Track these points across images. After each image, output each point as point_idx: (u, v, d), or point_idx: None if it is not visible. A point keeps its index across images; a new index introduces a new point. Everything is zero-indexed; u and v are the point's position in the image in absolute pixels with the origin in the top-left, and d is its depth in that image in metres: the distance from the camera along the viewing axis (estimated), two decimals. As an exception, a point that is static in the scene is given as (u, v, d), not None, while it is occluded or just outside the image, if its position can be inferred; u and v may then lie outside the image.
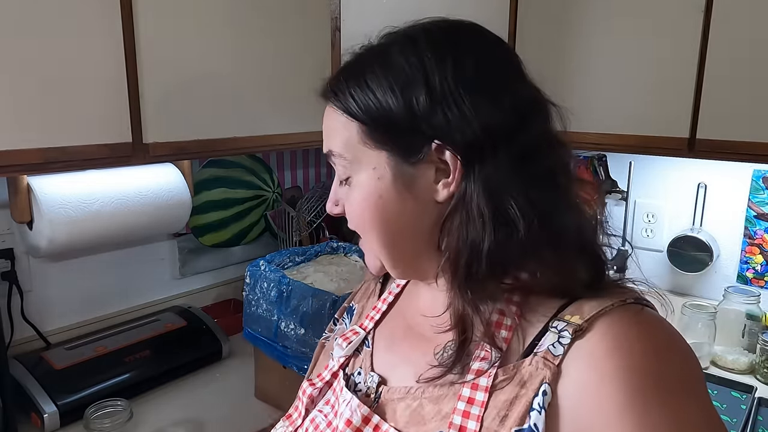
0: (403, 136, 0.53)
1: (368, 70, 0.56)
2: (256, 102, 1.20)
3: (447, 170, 0.53)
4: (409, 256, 0.59)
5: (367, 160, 0.56)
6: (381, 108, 0.54)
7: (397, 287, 0.71)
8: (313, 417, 0.64)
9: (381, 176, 0.55)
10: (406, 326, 0.65)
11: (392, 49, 0.56)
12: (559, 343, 0.50)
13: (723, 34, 1.13)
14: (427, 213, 0.55)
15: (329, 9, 1.32)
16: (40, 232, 1.14)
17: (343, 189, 0.60)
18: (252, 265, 1.19)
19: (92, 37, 0.92)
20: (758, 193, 1.47)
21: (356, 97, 0.55)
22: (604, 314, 0.50)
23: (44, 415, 1.07)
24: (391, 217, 0.56)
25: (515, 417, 0.49)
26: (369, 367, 0.64)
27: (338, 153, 0.58)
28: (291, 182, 1.85)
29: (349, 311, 0.76)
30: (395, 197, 0.55)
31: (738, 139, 1.13)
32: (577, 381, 0.48)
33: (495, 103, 0.52)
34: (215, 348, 1.39)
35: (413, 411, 0.56)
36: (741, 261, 1.52)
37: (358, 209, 0.58)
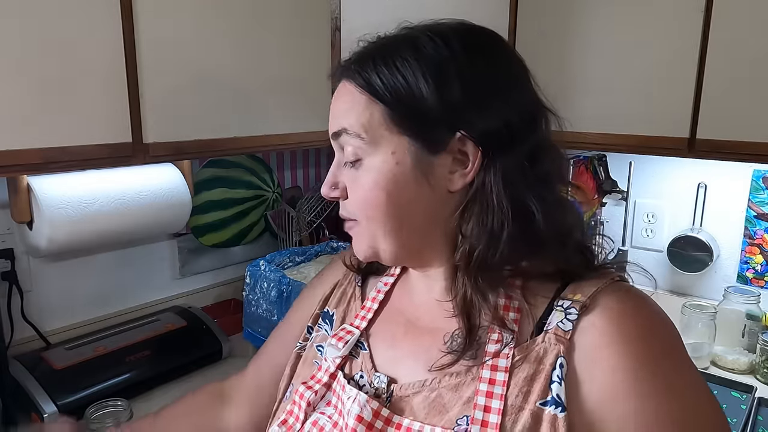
0: (430, 125, 0.55)
1: (398, 55, 0.56)
2: (256, 102, 1.20)
3: (464, 161, 0.56)
4: (413, 243, 0.60)
5: (387, 143, 0.56)
6: (411, 94, 0.55)
7: (385, 285, 0.70)
8: (315, 420, 0.63)
9: (399, 161, 0.56)
10: (406, 322, 0.65)
11: (422, 40, 0.58)
12: (567, 319, 0.55)
13: (723, 34, 1.13)
14: (438, 201, 0.57)
15: (329, 9, 1.32)
16: (40, 232, 1.14)
17: (347, 172, 0.60)
18: (252, 265, 1.19)
19: (92, 37, 0.92)
20: (758, 193, 1.47)
21: (384, 78, 0.56)
22: (601, 291, 0.56)
23: (44, 415, 1.07)
24: (403, 203, 0.57)
25: (537, 391, 0.53)
26: (371, 368, 0.64)
27: (354, 132, 0.57)
28: (291, 182, 1.85)
29: (325, 316, 0.74)
30: (410, 183, 0.56)
31: (738, 139, 1.13)
32: (589, 349, 0.53)
33: (515, 103, 0.56)
34: (215, 348, 1.38)
35: (432, 402, 0.57)
36: (741, 261, 1.52)
37: (368, 193, 0.57)
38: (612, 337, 0.53)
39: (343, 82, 0.60)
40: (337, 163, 0.61)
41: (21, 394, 1.10)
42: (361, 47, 0.62)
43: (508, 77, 0.58)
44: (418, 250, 0.60)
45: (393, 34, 0.61)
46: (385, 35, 0.61)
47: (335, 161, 0.61)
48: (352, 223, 0.61)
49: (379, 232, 0.59)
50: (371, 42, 0.62)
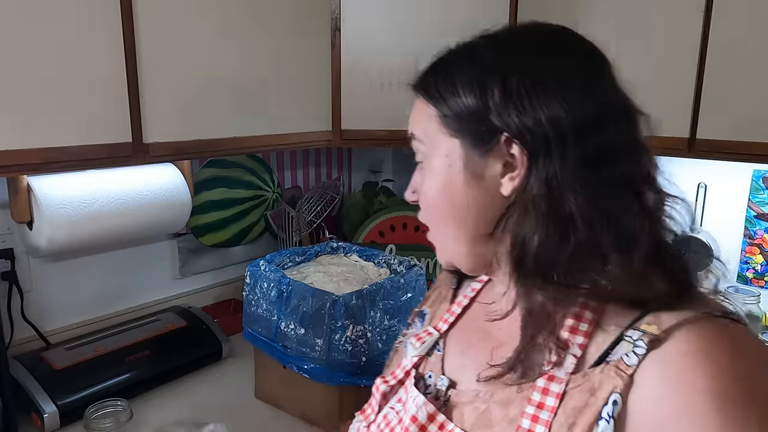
0: (475, 127, 0.56)
1: (454, 63, 0.59)
2: (256, 102, 1.20)
3: (514, 164, 0.55)
4: (479, 250, 0.59)
5: (442, 146, 0.58)
6: (459, 97, 0.57)
7: (472, 291, 0.71)
8: (385, 413, 0.65)
9: (452, 164, 0.58)
10: (483, 330, 0.65)
11: (478, 45, 0.59)
12: (633, 353, 0.49)
13: (723, 34, 1.13)
14: (493, 205, 0.57)
15: (329, 9, 1.32)
16: (40, 232, 1.14)
17: (419, 176, 0.62)
18: (252, 265, 1.19)
19: (92, 37, 0.92)
20: (758, 193, 1.47)
21: (438, 85, 0.58)
22: (685, 325, 0.48)
23: (44, 415, 1.07)
24: (460, 206, 0.58)
25: (583, 425, 0.49)
26: (440, 370, 0.65)
27: (418, 137, 0.61)
28: (291, 182, 1.85)
29: (421, 315, 0.78)
30: (463, 186, 0.57)
31: (738, 139, 1.13)
32: (652, 393, 0.47)
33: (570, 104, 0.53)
34: (215, 348, 1.39)
35: (480, 414, 0.57)
36: (741, 261, 1.52)
37: (430, 196, 0.60)
38: (678, 382, 0.46)
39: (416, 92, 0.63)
40: (418, 169, 0.63)
41: (21, 394, 1.10)
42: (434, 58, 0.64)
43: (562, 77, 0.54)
44: (485, 257, 0.60)
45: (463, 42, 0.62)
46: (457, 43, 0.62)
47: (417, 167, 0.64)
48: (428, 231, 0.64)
49: (445, 236, 0.61)
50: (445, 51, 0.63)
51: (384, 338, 1.07)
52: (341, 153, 2.02)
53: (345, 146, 1.45)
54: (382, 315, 1.07)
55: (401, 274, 1.18)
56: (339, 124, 1.39)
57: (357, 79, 1.37)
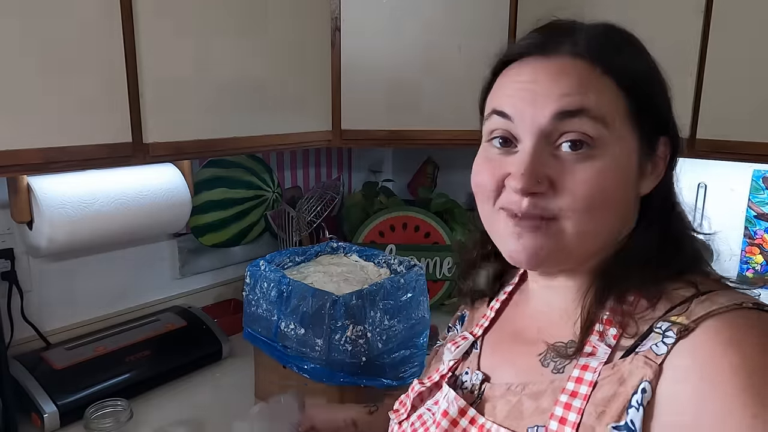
0: (656, 126, 0.55)
1: (638, 52, 0.56)
2: (256, 102, 1.20)
3: (658, 164, 0.56)
4: (599, 245, 0.56)
5: (626, 136, 0.53)
6: (653, 92, 0.54)
7: (504, 294, 0.71)
8: (420, 413, 0.66)
9: (630, 159, 0.54)
10: (514, 331, 0.66)
11: (632, 35, 0.57)
12: (662, 342, 0.49)
13: (723, 34, 1.13)
14: (633, 203, 0.56)
15: (329, 9, 1.32)
16: (40, 232, 1.14)
17: (565, 162, 0.52)
18: (252, 265, 1.19)
19: (92, 37, 0.92)
20: (758, 193, 1.47)
21: (636, 69, 0.54)
22: (714, 315, 0.48)
23: (44, 415, 1.07)
24: (625, 202, 0.55)
25: (612, 413, 0.49)
26: (476, 366, 0.66)
27: (599, 115, 0.51)
28: (291, 182, 1.85)
29: (461, 319, 0.79)
30: (632, 183, 0.55)
31: (738, 139, 1.13)
32: (680, 380, 0.47)
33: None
34: (215, 348, 1.39)
35: (513, 407, 0.57)
36: (741, 261, 1.52)
37: (609, 183, 0.52)
38: (707, 369, 0.46)
39: (565, 57, 0.53)
40: (537, 151, 0.52)
41: (21, 394, 1.09)
42: (567, 25, 0.56)
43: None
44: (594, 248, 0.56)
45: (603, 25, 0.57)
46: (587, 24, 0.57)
47: (534, 148, 0.52)
48: (547, 223, 0.53)
49: (593, 228, 0.53)
50: (570, 24, 0.57)
51: (384, 338, 1.07)
52: (341, 153, 2.02)
53: (345, 146, 1.45)
54: (382, 315, 1.07)
55: (401, 274, 1.18)
56: (339, 124, 1.39)
57: (357, 79, 1.37)
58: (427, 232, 1.77)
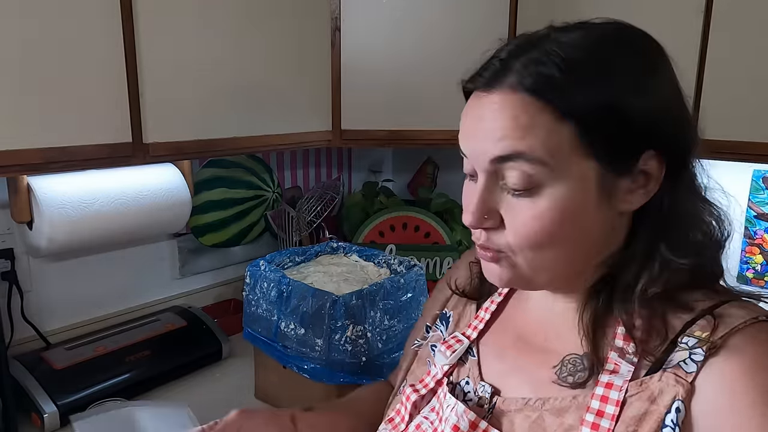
0: (625, 145, 0.50)
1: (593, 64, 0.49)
2: (256, 102, 1.20)
3: (644, 180, 0.52)
4: (570, 270, 0.55)
5: (575, 169, 0.50)
6: (611, 110, 0.49)
7: (499, 296, 0.69)
8: (418, 423, 0.63)
9: (586, 187, 0.50)
10: (516, 336, 0.64)
11: (607, 44, 0.51)
12: (691, 360, 0.49)
13: (723, 34, 1.13)
14: (609, 224, 0.53)
15: (329, 9, 1.32)
16: (40, 232, 1.14)
17: (506, 198, 0.52)
18: (252, 265, 1.19)
19: (92, 37, 0.92)
20: (758, 193, 1.47)
21: (581, 93, 0.48)
22: (737, 331, 0.49)
23: (44, 415, 1.07)
24: (579, 231, 0.52)
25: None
26: (478, 376, 0.63)
27: (537, 157, 0.49)
28: (291, 182, 1.85)
29: (443, 318, 0.74)
30: (591, 209, 0.51)
31: (738, 139, 1.13)
32: (713, 400, 0.47)
33: (684, 109, 0.54)
34: (215, 348, 1.38)
35: (533, 423, 0.55)
36: (741, 261, 1.52)
37: (545, 223, 0.50)
38: (743, 390, 0.46)
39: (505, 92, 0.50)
40: (486, 189, 0.52)
41: (21, 394, 1.10)
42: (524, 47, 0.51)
43: (675, 80, 0.53)
44: (568, 276, 0.56)
45: (566, 34, 0.52)
46: (553, 35, 0.52)
47: (482, 187, 0.53)
48: (501, 254, 0.54)
49: (542, 261, 0.53)
50: (534, 40, 0.52)
51: (384, 338, 1.07)
52: (341, 153, 2.02)
53: (345, 146, 1.45)
54: (382, 315, 1.07)
55: (401, 274, 1.18)
56: (339, 124, 1.39)
57: (357, 79, 1.37)
58: (427, 232, 1.77)
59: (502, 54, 0.52)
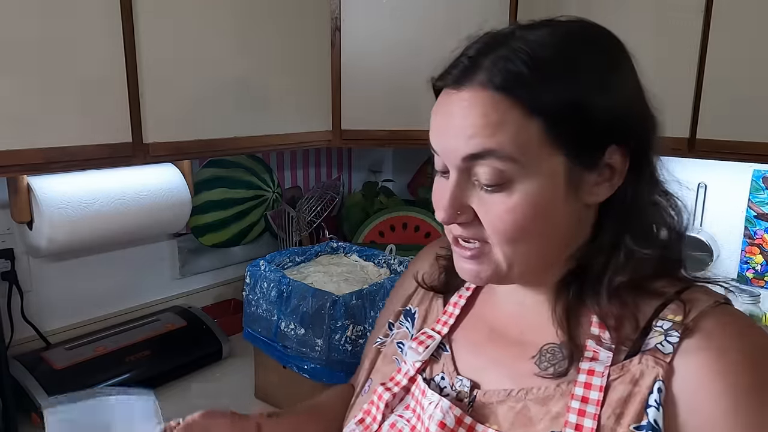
0: (592, 140, 0.52)
1: (559, 61, 0.51)
2: (256, 102, 1.20)
3: (609, 174, 0.54)
4: (540, 263, 0.57)
5: (544, 164, 0.51)
6: (578, 107, 0.50)
7: (467, 290, 0.69)
8: (393, 422, 0.62)
9: (555, 182, 0.52)
10: (489, 330, 0.64)
11: (573, 42, 0.53)
12: (667, 341, 0.52)
13: (723, 34, 1.13)
14: (576, 216, 0.55)
15: (329, 9, 1.32)
16: (40, 232, 1.14)
17: (478, 194, 0.53)
18: (252, 265, 1.19)
19: (92, 37, 0.92)
20: (758, 193, 1.47)
21: (549, 89, 0.50)
22: (707, 314, 0.52)
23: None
24: (550, 223, 0.53)
25: (632, 414, 0.50)
26: (453, 371, 0.63)
27: (507, 154, 0.50)
28: (291, 182, 1.85)
29: (407, 314, 0.73)
30: (561, 202, 0.53)
31: (738, 139, 1.13)
32: (691, 378, 0.50)
33: (646, 104, 0.56)
34: (215, 348, 1.38)
35: (518, 413, 0.55)
36: (741, 261, 1.52)
37: (517, 216, 0.52)
38: (717, 363, 0.50)
39: (474, 90, 0.51)
40: (458, 185, 0.53)
41: (21, 394, 1.09)
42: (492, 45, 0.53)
43: (637, 77, 0.55)
44: (544, 268, 0.57)
45: (532, 32, 0.53)
46: (519, 33, 0.53)
47: (454, 183, 0.54)
48: (477, 247, 0.55)
49: (516, 255, 0.54)
50: (501, 38, 0.53)
51: (384, 338, 1.07)
52: (341, 153, 2.02)
53: (345, 146, 1.45)
54: (382, 315, 1.07)
55: (401, 274, 1.18)
56: (339, 124, 1.39)
57: (357, 79, 1.37)
58: (427, 232, 1.77)
59: (470, 52, 0.54)
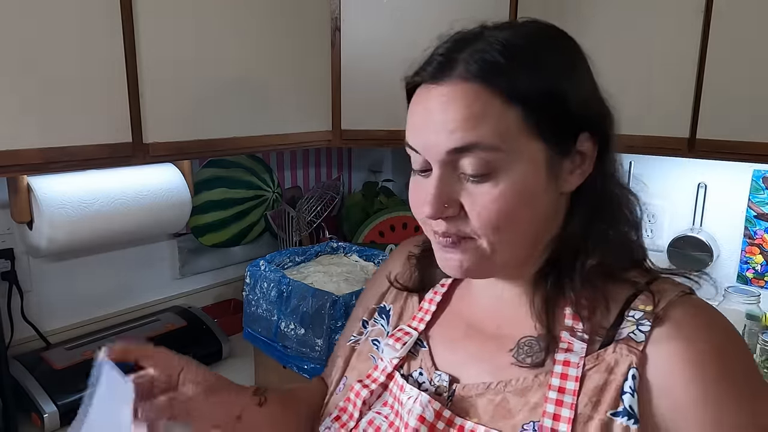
0: (566, 127, 0.54)
1: (532, 53, 0.53)
2: (256, 102, 1.20)
3: (580, 161, 0.56)
4: (521, 253, 0.58)
5: (525, 151, 0.52)
6: (552, 95, 0.52)
7: (442, 287, 0.69)
8: (371, 419, 0.62)
9: (537, 169, 0.53)
10: (466, 326, 0.64)
11: (538, 37, 0.56)
12: (639, 330, 0.53)
13: (723, 34, 1.12)
14: (554, 206, 0.57)
15: (329, 9, 1.32)
16: (40, 232, 1.14)
17: (464, 186, 0.54)
18: (252, 265, 1.19)
19: (92, 37, 0.92)
20: (758, 193, 1.47)
21: (525, 78, 0.52)
22: (675, 303, 0.54)
23: (44, 415, 1.07)
24: (533, 211, 0.55)
25: (608, 401, 0.52)
26: (432, 366, 0.63)
27: (491, 144, 0.51)
28: (291, 182, 1.85)
29: (382, 311, 0.73)
30: (542, 190, 0.54)
31: (738, 139, 1.13)
32: (663, 365, 0.52)
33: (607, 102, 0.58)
34: (215, 348, 1.38)
35: (497, 405, 0.56)
36: (741, 261, 1.52)
37: (504, 205, 0.53)
38: (687, 352, 0.52)
39: (454, 83, 0.52)
40: (442, 179, 0.54)
41: (21, 394, 1.10)
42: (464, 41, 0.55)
43: (592, 73, 0.58)
44: (520, 258, 0.58)
45: (500, 32, 0.55)
46: (487, 32, 0.56)
47: (438, 177, 0.54)
48: (465, 241, 0.55)
49: (502, 244, 0.55)
50: (471, 37, 0.56)
51: (384, 338, 1.07)
52: (341, 153, 2.02)
53: (345, 146, 1.45)
54: (382, 315, 1.07)
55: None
56: (339, 124, 1.39)
57: (357, 79, 1.37)
58: (427, 232, 1.77)
59: (443, 49, 0.56)
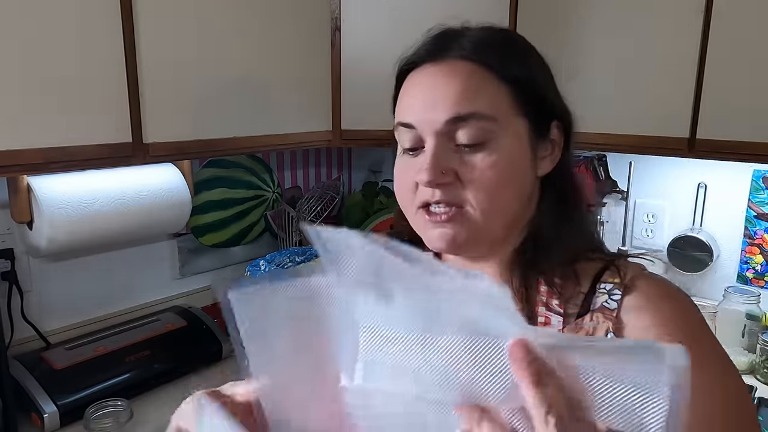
0: (544, 110, 0.61)
1: (517, 44, 0.62)
2: (256, 102, 1.20)
3: (551, 148, 0.62)
4: (508, 230, 0.62)
5: (514, 124, 0.59)
6: (535, 79, 0.60)
7: None
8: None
9: (522, 143, 0.59)
10: None
11: (518, 38, 0.64)
12: (611, 299, 0.59)
13: (723, 34, 1.13)
14: (531, 185, 0.62)
15: (329, 9, 1.32)
16: (40, 232, 1.14)
17: (460, 155, 0.57)
18: (252, 265, 1.19)
19: (93, 37, 0.93)
20: (758, 193, 1.47)
21: (516, 62, 0.60)
22: (639, 277, 0.60)
23: (44, 415, 1.07)
24: (523, 186, 0.60)
25: None
26: None
27: (487, 114, 0.57)
28: (291, 182, 1.85)
29: None
30: (527, 167, 0.60)
31: (738, 139, 1.13)
32: (636, 327, 0.57)
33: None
34: (215, 348, 1.38)
35: None
36: (741, 261, 1.52)
37: (502, 172, 0.57)
38: (654, 320, 0.57)
39: (454, 61, 0.59)
40: (438, 148, 0.58)
41: (21, 394, 1.09)
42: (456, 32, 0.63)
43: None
44: (504, 233, 0.62)
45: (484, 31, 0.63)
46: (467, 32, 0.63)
47: (435, 147, 0.58)
48: (457, 213, 0.58)
49: (493, 213, 0.58)
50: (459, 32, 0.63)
51: (384, 338, 1.07)
52: (341, 153, 2.02)
53: (345, 146, 1.45)
54: (382, 315, 1.07)
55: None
56: (339, 124, 1.39)
57: (357, 79, 1.37)
58: (427, 232, 1.77)
59: (433, 37, 0.63)
